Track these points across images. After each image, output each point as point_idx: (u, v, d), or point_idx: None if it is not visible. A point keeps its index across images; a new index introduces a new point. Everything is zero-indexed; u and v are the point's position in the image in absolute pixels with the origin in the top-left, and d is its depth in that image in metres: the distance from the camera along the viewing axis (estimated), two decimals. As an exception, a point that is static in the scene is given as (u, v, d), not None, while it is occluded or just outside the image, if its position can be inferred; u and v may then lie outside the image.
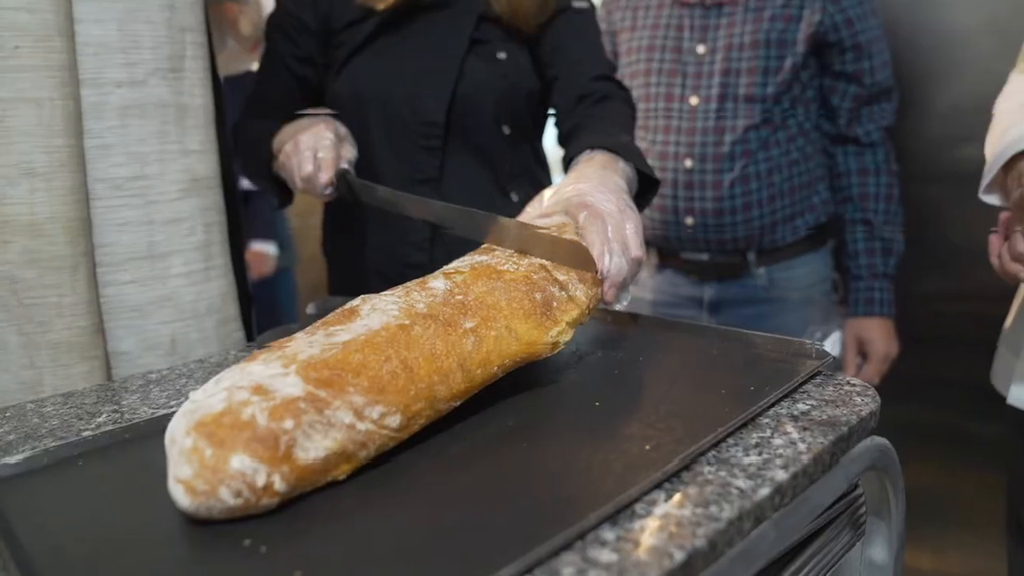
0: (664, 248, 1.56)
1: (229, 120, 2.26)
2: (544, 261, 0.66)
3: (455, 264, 0.66)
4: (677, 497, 0.46)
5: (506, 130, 1.08)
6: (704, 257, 1.52)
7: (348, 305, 0.58)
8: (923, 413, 1.74)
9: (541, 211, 0.77)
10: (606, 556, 0.40)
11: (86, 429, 0.61)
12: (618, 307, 0.70)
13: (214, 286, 0.96)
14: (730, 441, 0.53)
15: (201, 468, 0.44)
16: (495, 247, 0.69)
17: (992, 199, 0.97)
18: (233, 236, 1.01)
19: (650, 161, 1.49)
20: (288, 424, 0.46)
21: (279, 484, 0.45)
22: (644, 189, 0.91)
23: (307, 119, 0.98)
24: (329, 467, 0.48)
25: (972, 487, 1.69)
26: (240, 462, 0.44)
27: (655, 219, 1.52)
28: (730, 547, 0.44)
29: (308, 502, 0.48)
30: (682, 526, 0.43)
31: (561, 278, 0.65)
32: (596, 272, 0.67)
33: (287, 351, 0.51)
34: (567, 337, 0.63)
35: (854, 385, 0.64)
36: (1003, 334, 1.08)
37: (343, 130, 0.96)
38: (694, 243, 1.51)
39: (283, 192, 1.09)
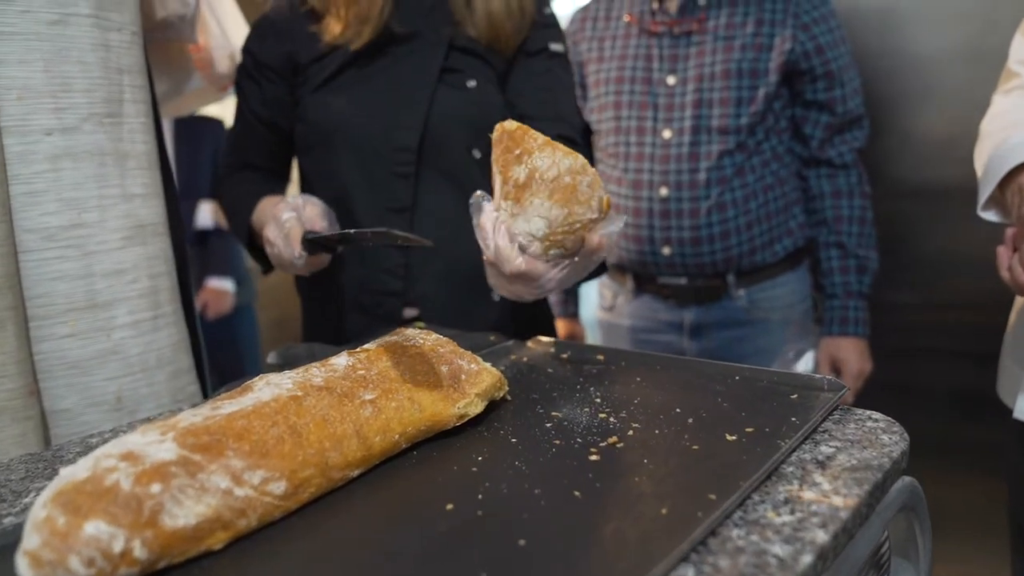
0: (641, 273, 1.51)
1: (184, 162, 2.18)
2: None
3: (364, 346, 0.65)
4: (708, 572, 0.39)
5: (476, 154, 1.05)
6: (682, 281, 1.48)
7: (244, 384, 0.56)
8: (900, 419, 1.73)
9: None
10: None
11: (8, 514, 0.52)
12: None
13: (164, 336, 0.88)
14: (756, 497, 0.47)
15: (51, 536, 0.40)
16: (406, 328, 0.69)
17: (990, 215, 0.95)
18: (183, 283, 0.93)
19: (624, 190, 1.45)
20: (155, 488, 0.42)
21: (139, 551, 0.41)
22: None
23: (270, 206, 0.97)
24: (202, 534, 0.44)
25: (961, 494, 1.67)
26: (95, 528, 0.40)
27: (631, 249, 1.47)
28: (773, 628, 0.38)
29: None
30: (719, 609, 0.36)
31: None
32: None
33: (169, 421, 0.48)
34: (477, 408, 0.61)
35: (877, 421, 0.59)
36: (1005, 345, 1.06)
37: (299, 200, 0.91)
38: (672, 268, 1.46)
39: (266, 261, 1.08)
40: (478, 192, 0.73)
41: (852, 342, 1.47)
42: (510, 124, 0.70)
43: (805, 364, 1.53)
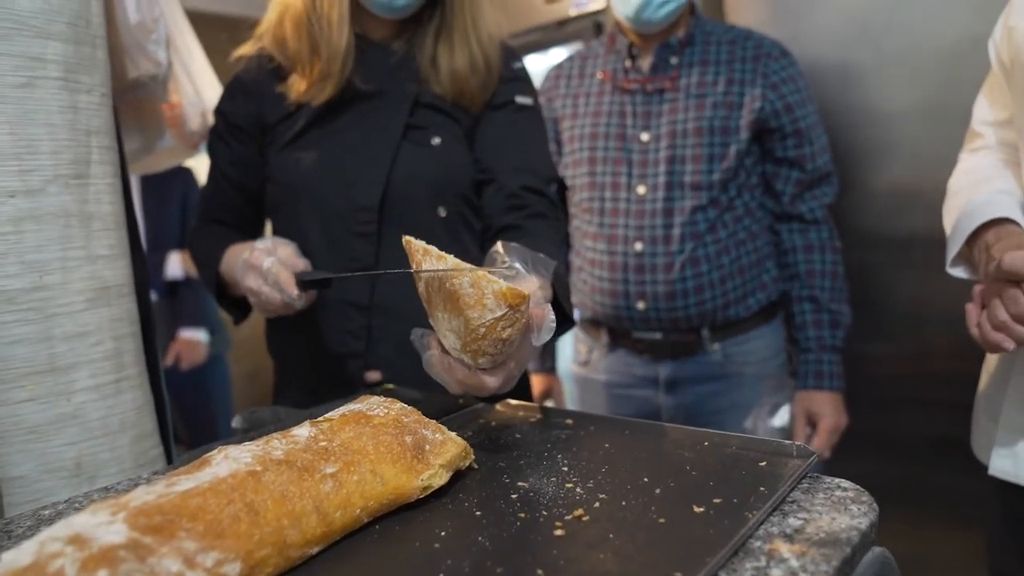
0: (615, 328, 1.51)
1: (152, 214, 2.16)
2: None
3: (328, 414, 0.63)
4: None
5: (442, 212, 1.04)
6: (657, 336, 1.48)
7: (203, 456, 0.54)
8: (878, 470, 1.73)
9: None
10: None
11: (-53, 598, 0.50)
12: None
13: (128, 399, 0.86)
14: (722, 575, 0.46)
15: None
16: (371, 396, 0.67)
17: (959, 272, 0.97)
18: (148, 344, 0.91)
19: (599, 245, 1.46)
20: (101, 575, 0.40)
21: None
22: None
23: (238, 254, 0.95)
24: None
25: (941, 544, 1.66)
26: None
27: (605, 303, 1.47)
28: None
29: None
30: None
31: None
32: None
33: (121, 499, 0.47)
34: (441, 480, 0.60)
35: (846, 490, 0.58)
36: (978, 400, 1.06)
37: (268, 244, 0.90)
38: (646, 323, 1.46)
39: (238, 310, 1.08)
40: (416, 329, 0.71)
41: (827, 396, 1.47)
42: (404, 240, 0.68)
43: (781, 418, 1.53)
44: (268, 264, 0.86)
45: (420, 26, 1.07)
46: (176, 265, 2.37)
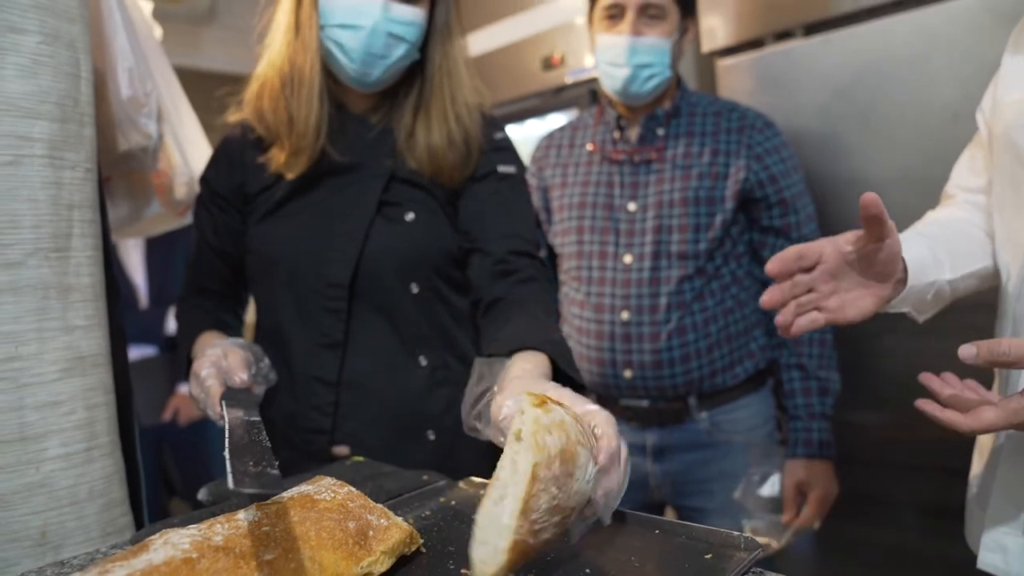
0: (603, 395, 1.51)
1: (156, 269, 2.16)
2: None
3: (277, 496, 0.64)
4: None
5: (414, 289, 1.04)
6: (644, 404, 1.48)
7: (144, 540, 0.55)
8: (869, 537, 1.70)
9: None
10: None
11: None
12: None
13: (98, 467, 0.87)
14: None
15: None
16: (324, 477, 0.67)
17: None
18: (124, 411, 0.93)
19: (586, 313, 1.47)
20: None
21: None
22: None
23: (204, 346, 0.97)
24: None
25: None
26: None
27: (593, 371, 1.48)
28: None
29: None
30: None
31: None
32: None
33: None
34: (383, 566, 0.60)
35: (785, 588, 0.58)
36: (969, 486, 1.03)
37: (219, 351, 0.90)
38: (633, 391, 1.46)
39: None
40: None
41: (817, 464, 1.45)
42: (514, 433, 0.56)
43: (771, 487, 1.51)
44: (205, 375, 0.87)
45: (398, 100, 1.08)
46: (178, 320, 2.41)
